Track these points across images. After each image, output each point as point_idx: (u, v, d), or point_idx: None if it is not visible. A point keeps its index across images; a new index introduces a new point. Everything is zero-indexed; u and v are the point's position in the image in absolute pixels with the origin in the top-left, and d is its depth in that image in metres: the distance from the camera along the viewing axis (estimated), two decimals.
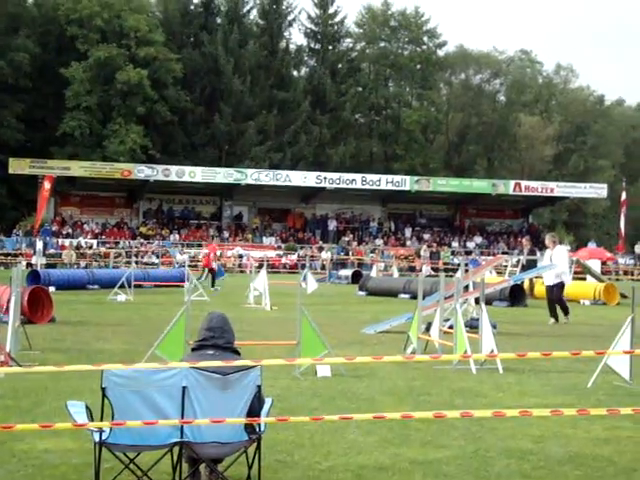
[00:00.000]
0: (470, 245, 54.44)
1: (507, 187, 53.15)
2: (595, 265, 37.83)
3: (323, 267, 44.03)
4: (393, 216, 57.89)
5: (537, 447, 7.06)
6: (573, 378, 10.75)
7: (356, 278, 34.72)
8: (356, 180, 51.94)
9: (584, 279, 31.34)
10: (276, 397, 7.92)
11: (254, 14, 67.69)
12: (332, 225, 54.52)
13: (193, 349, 5.95)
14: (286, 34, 68.15)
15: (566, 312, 18.79)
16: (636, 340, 10.64)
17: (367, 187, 52.21)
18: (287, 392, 9.26)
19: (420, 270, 42.08)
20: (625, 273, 52.83)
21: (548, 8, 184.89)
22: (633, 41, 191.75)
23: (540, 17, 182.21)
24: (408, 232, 55.50)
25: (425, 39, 69.98)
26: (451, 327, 12.51)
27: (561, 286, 18.76)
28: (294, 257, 47.89)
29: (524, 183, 54.50)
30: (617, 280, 43.94)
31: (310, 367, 10.52)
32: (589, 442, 7.30)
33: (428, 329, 13.40)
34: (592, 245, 53.60)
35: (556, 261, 18.33)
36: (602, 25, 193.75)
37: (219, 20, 65.03)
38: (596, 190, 56.98)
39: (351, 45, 70.88)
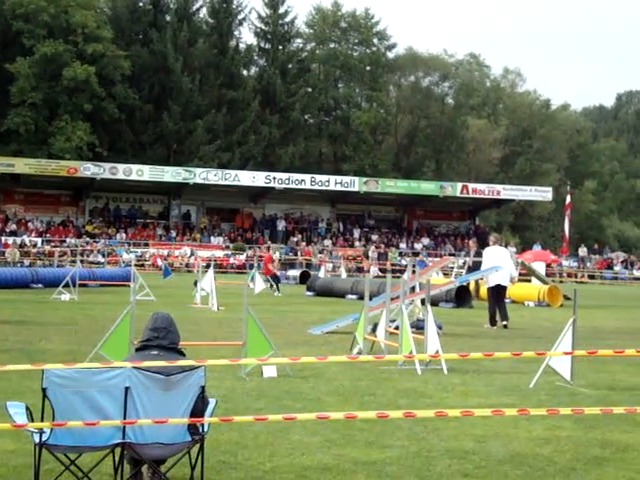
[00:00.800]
0: (418, 246, 54.84)
1: (455, 189, 53.65)
2: (540, 267, 38.43)
3: None
4: (342, 217, 58.07)
5: (479, 447, 7.14)
6: (516, 379, 10.89)
7: (304, 278, 34.78)
8: (305, 180, 51.99)
9: (529, 281, 31.75)
10: (221, 398, 7.90)
11: (204, 12, 67.42)
12: (281, 225, 54.50)
13: (137, 349, 5.90)
14: (236, 33, 68.02)
15: (505, 317, 18.48)
16: (578, 341, 10.83)
17: (316, 187, 52.30)
18: (232, 393, 9.23)
19: (368, 271, 42.31)
20: (569, 275, 53.76)
21: (497, 13, 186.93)
22: (579, 47, 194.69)
23: (489, 21, 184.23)
24: (356, 233, 55.72)
25: (375, 41, 70.27)
26: (397, 328, 12.59)
27: (503, 288, 18.81)
28: (242, 257, 47.74)
29: (471, 185, 55.09)
30: (561, 282, 44.73)
31: (256, 368, 10.50)
32: (530, 442, 7.40)
33: (375, 330, 13.45)
34: (537, 247, 54.45)
35: (501, 262, 18.28)
36: (550, 31, 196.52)
37: (168, 18, 64.52)
38: (541, 193, 57.79)
39: (301, 45, 70.92)
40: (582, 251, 61.11)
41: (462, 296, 24.47)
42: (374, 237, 54.81)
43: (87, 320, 17.37)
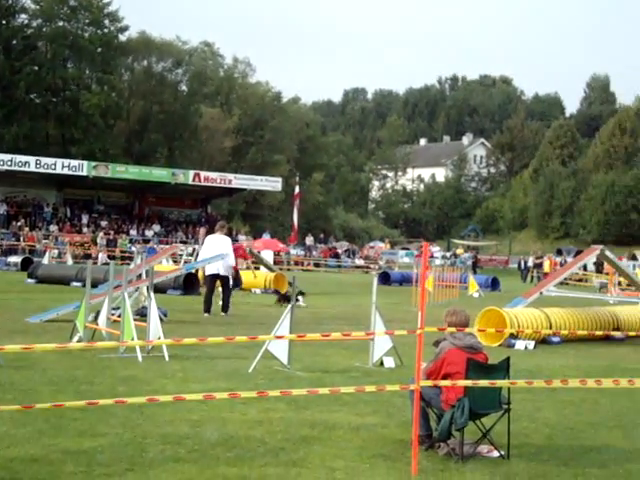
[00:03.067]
0: (149, 233, 54.19)
1: (187, 177, 53.50)
2: (268, 255, 39.46)
3: None
4: (69, 202, 56.01)
5: (193, 431, 7.21)
6: (236, 364, 11.11)
7: (26, 265, 33.21)
8: (29, 163, 49.49)
9: (257, 269, 32.42)
10: None
11: None
12: (2, 209, 51.62)
13: None
14: None
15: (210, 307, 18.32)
16: (297, 327, 11.25)
17: (41, 170, 49.94)
18: None
19: (96, 258, 41.24)
20: (296, 263, 55.57)
21: (230, 2, 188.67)
22: (310, 44, 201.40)
23: (221, 10, 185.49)
24: (85, 218, 54.00)
25: (107, 22, 68.28)
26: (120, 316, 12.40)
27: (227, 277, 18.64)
28: None
29: (203, 174, 55.18)
30: (288, 270, 46.10)
31: None
32: (244, 424, 7.58)
33: (97, 318, 13.17)
34: (266, 236, 55.77)
35: (221, 251, 17.95)
36: (283, 25, 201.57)
37: None
38: (272, 183, 59.11)
39: (27, 21, 67.39)
40: (309, 240, 63.43)
41: (190, 283, 24.54)
42: (103, 223, 53.42)
43: None
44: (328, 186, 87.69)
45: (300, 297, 20.91)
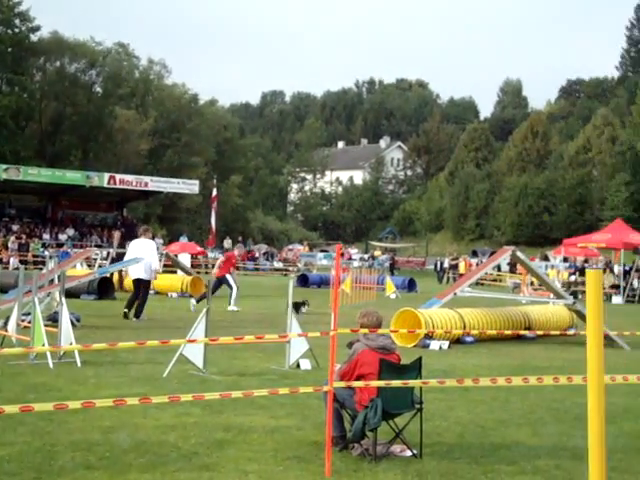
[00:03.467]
0: (62, 237, 53.10)
1: (102, 179, 52.57)
2: (185, 259, 39.11)
3: None
4: None
5: (105, 438, 7.09)
6: (151, 369, 10.98)
7: None
8: None
9: (175, 272, 32.14)
10: None
11: None
12: None
13: None
14: None
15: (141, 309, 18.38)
16: (214, 330, 11.18)
17: None
18: None
19: (7, 263, 40.28)
20: (213, 266, 55.17)
21: (142, 2, 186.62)
22: (230, 46, 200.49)
23: (133, 10, 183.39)
24: None
25: (17, 22, 66.66)
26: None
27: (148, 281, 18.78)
28: None
29: (119, 176, 54.30)
30: (206, 273, 45.77)
31: None
32: (157, 430, 7.49)
33: (7, 324, 12.86)
34: (184, 239, 55.24)
35: (144, 254, 18.08)
36: (198, 25, 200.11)
37: None
38: (189, 186, 58.59)
39: None
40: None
41: (105, 288, 24.15)
42: (15, 227, 52.13)
43: None
44: (246, 189, 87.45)
45: (304, 308, 21.54)
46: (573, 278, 38.34)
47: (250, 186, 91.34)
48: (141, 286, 18.50)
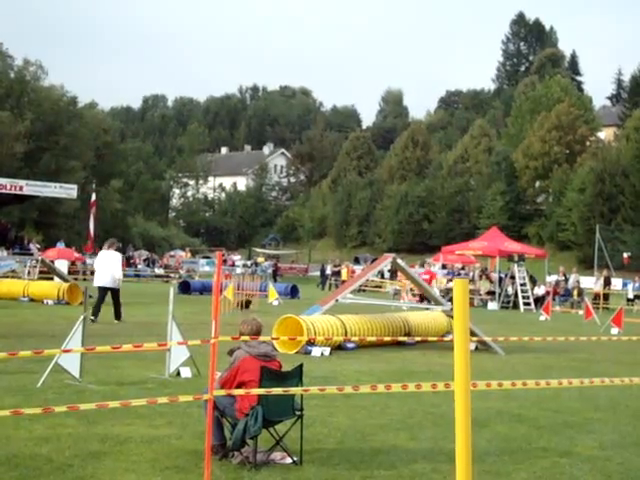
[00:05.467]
0: None
1: None
2: (62, 265, 38.14)
3: None
4: None
5: None
6: (25, 379, 10.61)
7: None
8: None
9: (51, 279, 31.28)
10: None
11: None
12: None
13: None
14: None
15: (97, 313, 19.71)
16: (92, 339, 10.90)
17: None
18: None
19: None
20: (92, 273, 53.92)
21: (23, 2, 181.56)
22: (107, 47, 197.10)
23: (8, 7, 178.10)
24: None
25: None
26: None
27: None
28: None
29: None
30: (84, 280, 44.69)
31: None
32: (29, 442, 7.24)
33: None
34: (61, 245, 53.83)
35: (106, 265, 20.03)
36: (82, 26, 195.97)
37: None
38: (66, 190, 57.14)
39: None
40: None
41: None
42: None
43: None
44: (127, 194, 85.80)
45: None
46: (451, 285, 39.29)
47: (131, 191, 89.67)
48: (108, 293, 20.14)
